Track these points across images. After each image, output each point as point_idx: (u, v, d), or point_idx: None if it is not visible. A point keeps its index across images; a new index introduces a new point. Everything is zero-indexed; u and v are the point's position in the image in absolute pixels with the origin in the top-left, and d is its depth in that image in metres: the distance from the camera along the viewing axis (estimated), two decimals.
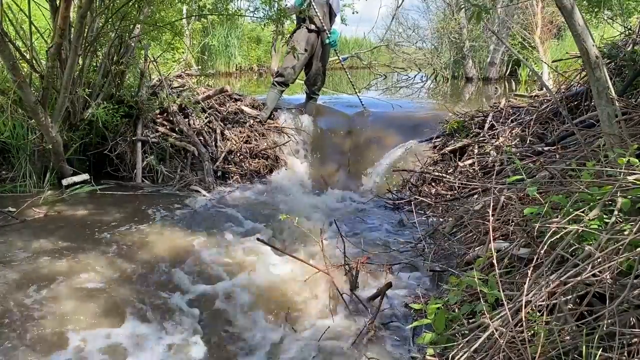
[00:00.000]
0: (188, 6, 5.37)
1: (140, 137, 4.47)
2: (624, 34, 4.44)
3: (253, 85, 10.30)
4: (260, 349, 2.18)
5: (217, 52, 11.78)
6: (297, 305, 2.50)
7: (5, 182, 3.90)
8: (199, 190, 4.12)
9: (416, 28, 13.12)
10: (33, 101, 3.49)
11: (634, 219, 1.63)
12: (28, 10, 3.65)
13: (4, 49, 3.20)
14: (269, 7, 4.17)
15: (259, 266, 2.87)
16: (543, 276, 1.66)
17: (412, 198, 3.93)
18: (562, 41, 10.28)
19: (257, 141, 4.94)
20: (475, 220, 2.91)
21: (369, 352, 2.13)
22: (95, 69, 4.29)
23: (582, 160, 2.70)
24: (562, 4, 2.23)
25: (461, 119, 4.71)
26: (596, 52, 2.29)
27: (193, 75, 6.17)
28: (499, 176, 3.48)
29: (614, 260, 1.49)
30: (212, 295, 2.57)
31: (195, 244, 3.09)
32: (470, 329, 1.82)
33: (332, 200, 4.14)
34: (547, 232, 1.72)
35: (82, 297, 2.46)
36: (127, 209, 3.67)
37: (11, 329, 2.20)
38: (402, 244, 3.15)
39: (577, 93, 4.11)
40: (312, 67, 5.35)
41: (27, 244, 2.98)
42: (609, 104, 2.29)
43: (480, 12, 2.49)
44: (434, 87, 10.73)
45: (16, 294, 2.44)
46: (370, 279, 2.71)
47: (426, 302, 2.11)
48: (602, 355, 1.40)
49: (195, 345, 2.20)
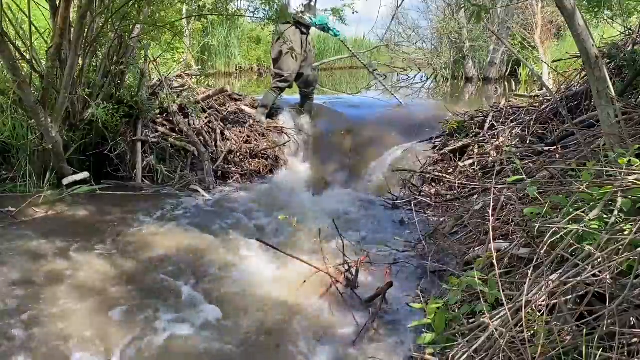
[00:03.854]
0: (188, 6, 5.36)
1: (140, 137, 4.47)
2: (624, 34, 4.44)
3: (253, 85, 10.30)
4: (260, 348, 2.18)
5: (217, 52, 11.78)
6: (296, 304, 2.49)
7: (5, 182, 3.90)
8: (199, 190, 4.12)
9: (416, 28, 13.11)
10: (33, 101, 3.49)
11: (634, 219, 1.63)
12: (28, 10, 3.65)
13: (4, 49, 3.20)
14: (269, 7, 4.17)
15: (259, 266, 2.87)
16: (543, 276, 1.66)
17: (412, 198, 3.93)
18: (562, 41, 10.27)
19: (257, 141, 4.94)
20: (475, 220, 2.91)
21: (369, 351, 2.13)
22: (95, 69, 4.28)
23: (582, 160, 2.70)
24: (562, 4, 2.23)
25: (461, 119, 4.71)
26: (596, 52, 2.29)
27: (193, 75, 6.16)
28: (499, 176, 3.48)
29: (614, 260, 1.49)
30: (212, 295, 2.57)
31: (195, 244, 3.09)
32: (470, 329, 1.82)
33: (332, 200, 4.14)
34: (547, 232, 1.72)
35: (82, 297, 2.46)
36: (127, 209, 3.67)
37: (11, 329, 2.20)
38: (402, 243, 3.15)
39: (577, 93, 4.11)
40: (306, 69, 5.28)
41: (27, 243, 2.98)
42: (609, 104, 2.30)
43: (480, 12, 2.49)
44: (434, 87, 10.73)
45: (16, 294, 2.44)
46: (370, 279, 2.71)
47: (426, 302, 2.11)
48: (602, 355, 1.40)
49: (195, 344, 2.20)
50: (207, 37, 11.24)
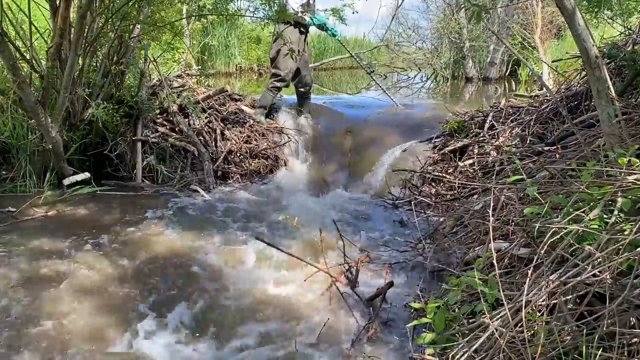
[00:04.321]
0: (188, 6, 5.36)
1: (140, 137, 4.47)
2: (624, 34, 4.44)
3: (253, 85, 10.30)
4: (260, 348, 2.18)
5: (217, 52, 11.77)
6: (297, 304, 2.50)
7: (5, 182, 3.90)
8: (199, 190, 4.12)
9: (416, 28, 13.10)
10: (33, 101, 3.49)
11: (634, 219, 1.63)
12: (28, 10, 3.65)
13: (4, 49, 3.20)
14: (269, 7, 4.17)
15: (259, 266, 2.87)
16: (543, 276, 1.66)
17: (412, 198, 3.93)
18: (562, 41, 10.26)
19: (257, 141, 4.94)
20: (475, 220, 2.91)
21: (369, 351, 2.13)
22: (95, 69, 4.29)
23: (582, 160, 2.70)
24: (562, 4, 2.23)
25: (461, 119, 4.71)
26: (596, 52, 2.29)
27: (193, 75, 6.17)
28: (499, 176, 3.48)
29: (614, 260, 1.49)
30: (212, 294, 2.57)
31: (195, 244, 3.09)
32: (470, 329, 1.82)
33: (332, 200, 4.14)
34: (547, 232, 1.72)
35: (81, 297, 2.46)
36: (127, 209, 3.67)
37: (11, 329, 2.20)
38: (402, 243, 3.15)
39: (577, 93, 4.11)
40: (304, 70, 5.28)
41: (27, 243, 2.98)
42: (609, 104, 2.29)
43: (480, 12, 2.49)
44: (434, 87, 10.73)
45: (16, 294, 2.44)
46: (370, 279, 2.71)
47: (426, 301, 2.11)
48: (602, 355, 1.40)
49: (195, 344, 2.20)
50: (207, 37, 11.24)
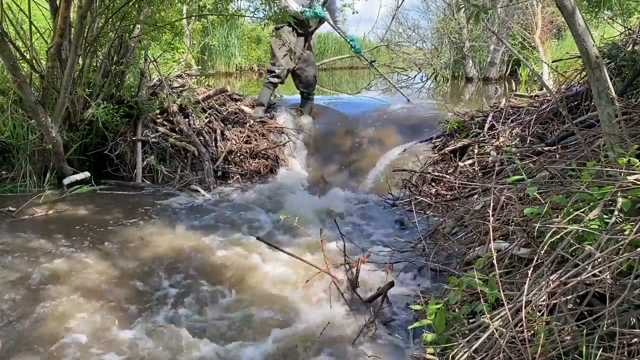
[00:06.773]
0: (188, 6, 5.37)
1: (140, 137, 4.47)
2: (624, 34, 4.43)
3: (253, 85, 10.30)
4: (260, 348, 2.18)
5: (217, 52, 11.79)
6: (297, 304, 2.49)
7: (5, 181, 3.90)
8: (199, 190, 4.13)
9: (416, 28, 13.11)
10: (33, 101, 3.49)
11: (634, 219, 1.63)
12: (28, 10, 3.65)
13: (4, 49, 3.20)
14: (268, 7, 4.17)
15: (260, 265, 2.87)
16: (543, 276, 1.66)
17: (412, 198, 3.93)
18: (562, 41, 10.27)
19: (257, 141, 4.94)
20: (476, 220, 2.91)
21: (369, 351, 2.13)
22: (95, 69, 4.29)
23: (582, 160, 2.70)
24: (562, 4, 2.23)
25: (461, 119, 4.71)
26: (596, 52, 2.29)
27: (193, 75, 6.17)
28: (499, 176, 3.48)
29: (614, 260, 1.49)
30: (213, 294, 2.57)
31: (195, 244, 3.09)
32: (470, 329, 1.82)
33: (332, 200, 4.13)
34: (547, 232, 1.72)
35: (81, 297, 2.46)
36: (127, 208, 3.67)
37: (11, 329, 2.20)
38: (402, 243, 3.15)
39: (577, 93, 4.11)
40: (305, 72, 5.28)
41: (28, 243, 2.98)
42: (609, 104, 2.29)
43: (479, 13, 2.49)
44: (434, 87, 10.73)
45: (16, 294, 2.44)
46: (370, 279, 2.71)
47: (426, 302, 2.11)
48: (602, 355, 1.39)
49: (196, 344, 2.20)
50: (207, 37, 11.24)
